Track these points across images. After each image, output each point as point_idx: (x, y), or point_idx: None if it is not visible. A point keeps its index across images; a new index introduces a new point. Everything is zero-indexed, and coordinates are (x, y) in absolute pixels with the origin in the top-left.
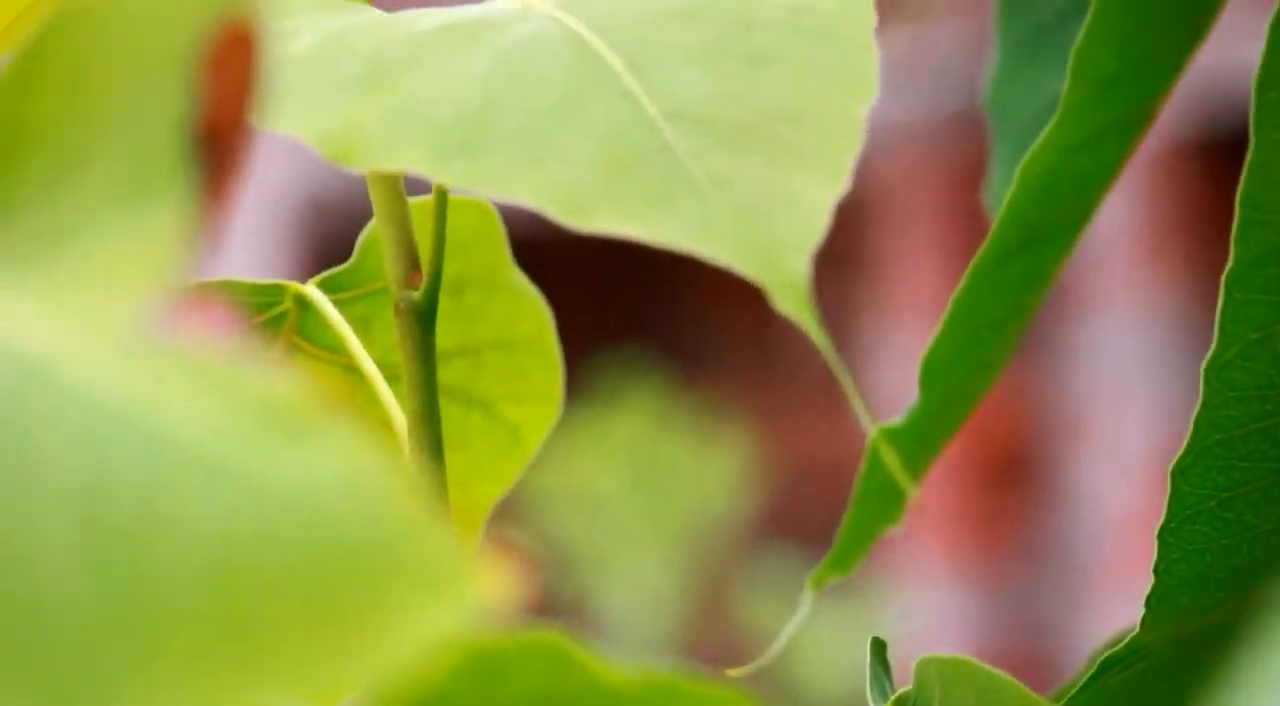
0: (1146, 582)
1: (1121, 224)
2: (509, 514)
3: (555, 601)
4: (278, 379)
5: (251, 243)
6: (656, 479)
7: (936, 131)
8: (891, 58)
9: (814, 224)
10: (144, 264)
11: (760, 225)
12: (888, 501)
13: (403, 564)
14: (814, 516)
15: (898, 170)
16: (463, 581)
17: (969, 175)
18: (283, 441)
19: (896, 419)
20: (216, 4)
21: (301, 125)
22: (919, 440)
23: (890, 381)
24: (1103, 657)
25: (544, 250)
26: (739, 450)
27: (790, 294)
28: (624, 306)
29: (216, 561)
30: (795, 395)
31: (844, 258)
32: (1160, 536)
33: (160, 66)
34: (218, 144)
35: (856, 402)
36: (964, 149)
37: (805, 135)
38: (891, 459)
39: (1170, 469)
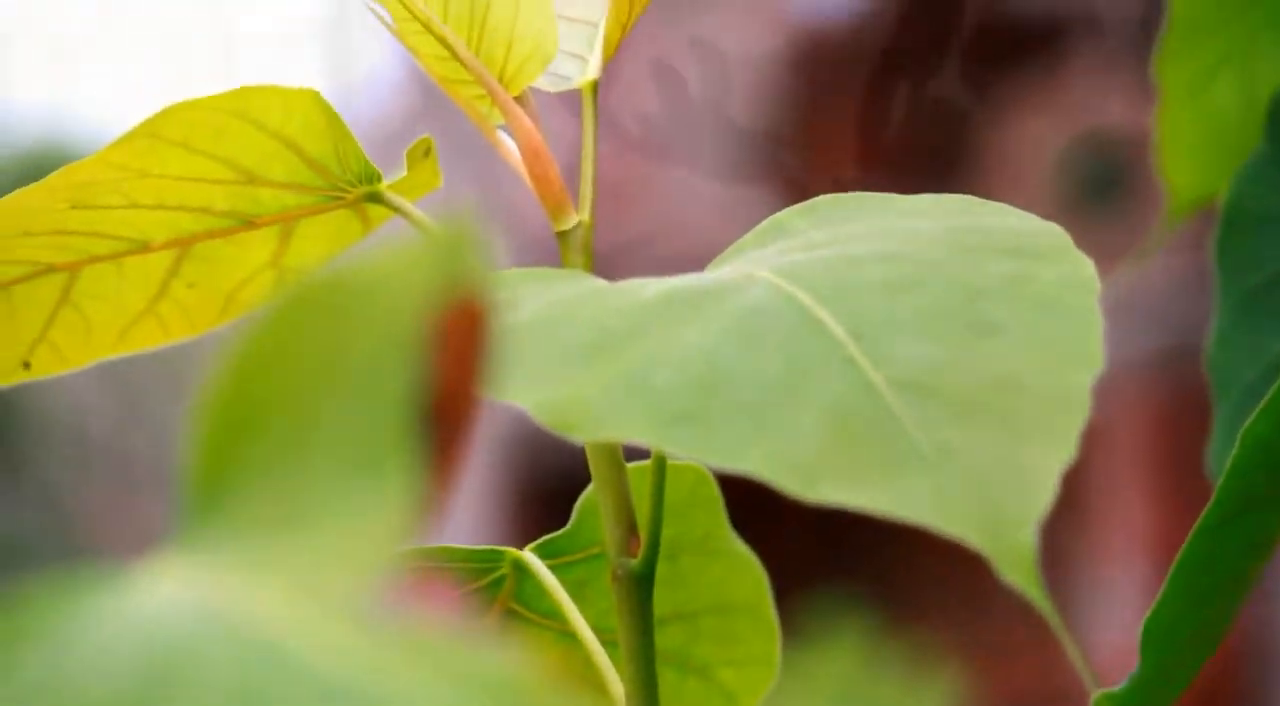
0: None
1: None
2: None
3: None
4: (501, 656)
5: (464, 489)
6: None
7: (1148, 369)
8: (1108, 297)
9: (1040, 496)
10: (371, 539)
11: (987, 497)
12: None
13: None
14: None
15: (1108, 408)
16: None
17: (1179, 413)
18: None
19: (1118, 686)
20: (445, 277)
21: (524, 395)
22: None
23: (1102, 622)
24: None
25: (746, 488)
26: (949, 690)
27: (1016, 566)
28: (830, 544)
29: None
30: (1005, 630)
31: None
32: None
33: (391, 340)
34: (445, 416)
35: (1082, 668)
36: (1175, 387)
37: (1030, 406)
38: None
39: None
